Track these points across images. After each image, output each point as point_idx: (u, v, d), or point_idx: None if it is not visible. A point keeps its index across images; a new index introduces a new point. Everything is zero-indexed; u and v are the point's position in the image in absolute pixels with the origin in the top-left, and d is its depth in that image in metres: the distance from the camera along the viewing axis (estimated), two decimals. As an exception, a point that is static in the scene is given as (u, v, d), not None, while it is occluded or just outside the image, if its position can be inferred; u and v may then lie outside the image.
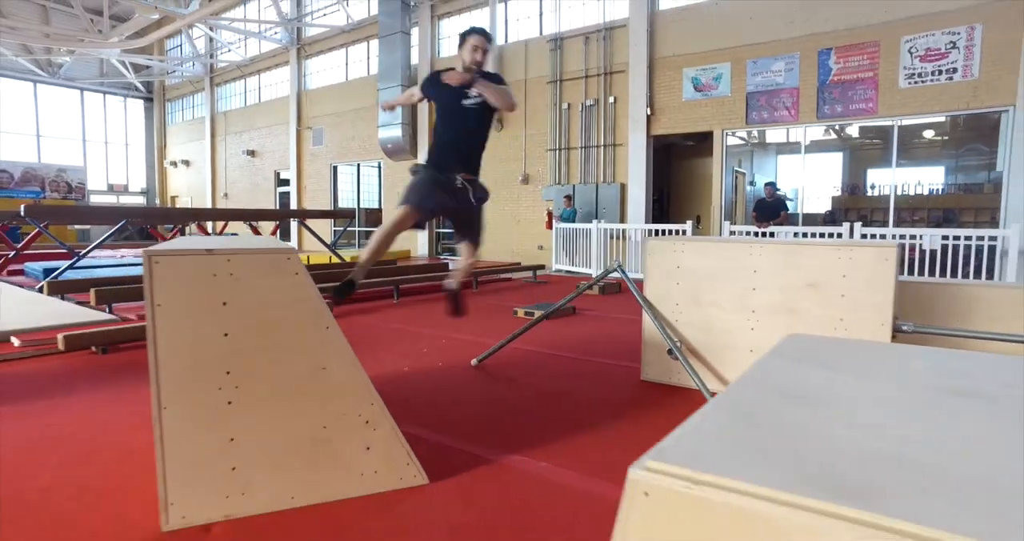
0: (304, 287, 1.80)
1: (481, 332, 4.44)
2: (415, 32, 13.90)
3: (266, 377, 1.74)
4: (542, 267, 8.79)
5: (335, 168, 16.52)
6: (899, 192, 12.71)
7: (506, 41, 12.55)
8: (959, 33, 7.54)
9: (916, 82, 7.97)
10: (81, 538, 1.60)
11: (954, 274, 6.54)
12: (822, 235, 7.40)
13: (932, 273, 6.75)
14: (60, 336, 3.49)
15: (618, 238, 9.17)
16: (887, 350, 1.56)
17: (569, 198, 10.77)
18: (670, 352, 3.04)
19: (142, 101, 23.23)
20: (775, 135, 11.16)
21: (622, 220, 10.53)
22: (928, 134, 12.28)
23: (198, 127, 21.16)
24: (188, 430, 1.65)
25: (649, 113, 10.43)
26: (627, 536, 0.82)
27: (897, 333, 2.78)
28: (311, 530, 1.65)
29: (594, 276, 7.31)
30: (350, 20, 15.05)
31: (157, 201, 23.36)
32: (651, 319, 3.12)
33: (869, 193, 13.06)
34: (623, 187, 10.72)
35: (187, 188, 22.06)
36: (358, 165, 16.12)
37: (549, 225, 10.71)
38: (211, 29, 18.11)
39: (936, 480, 0.73)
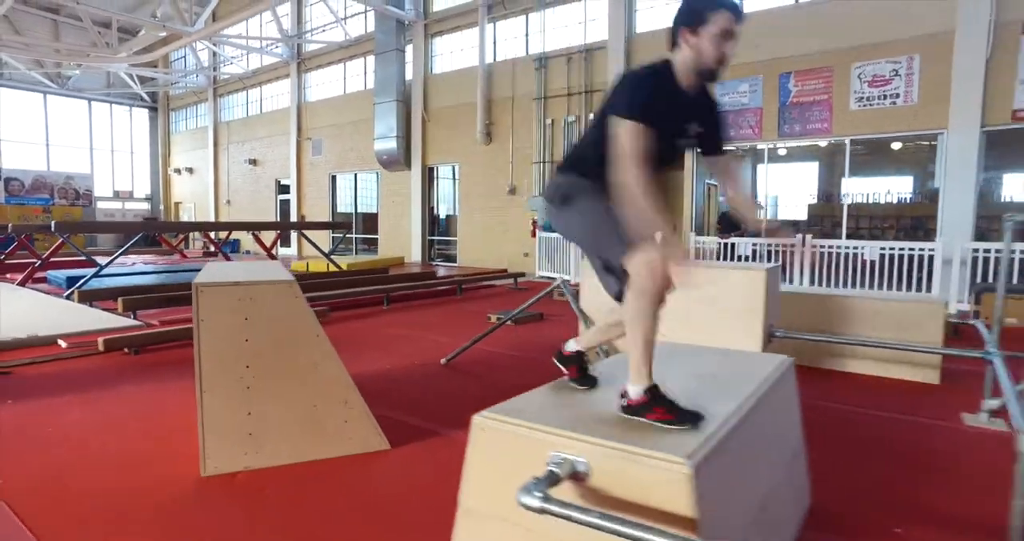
0: (301, 306, 2.52)
1: (459, 335, 5.12)
2: (409, 49, 14.63)
3: (275, 370, 2.45)
4: (523, 274, 9.51)
5: (334, 177, 17.25)
6: (873, 201, 13.50)
7: (495, 59, 13.27)
8: (900, 62, 8.26)
9: (865, 105, 8.68)
10: (149, 479, 2.32)
11: (890, 283, 7.26)
12: (777, 245, 8.11)
13: (872, 282, 7.48)
14: (101, 339, 4.20)
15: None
16: (695, 350, 2.28)
17: (551, 209, 11.49)
18: (601, 353, 3.75)
19: (147, 110, 23.99)
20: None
21: (601, 230, 11.23)
22: (896, 145, 13.00)
23: (201, 136, 21.91)
24: (220, 406, 2.37)
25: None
26: (474, 452, 1.57)
27: (772, 337, 3.50)
28: (303, 478, 2.37)
29: (573, 282, 8.03)
30: (348, 37, 15.78)
31: (161, 207, 24.10)
32: (585, 325, 3.84)
33: (844, 201, 13.78)
34: (601, 199, 11.43)
35: (191, 195, 22.81)
36: (356, 174, 16.84)
37: (534, 234, 11.42)
38: (215, 44, 18.84)
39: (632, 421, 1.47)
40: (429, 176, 14.88)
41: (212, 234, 12.78)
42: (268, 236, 12.58)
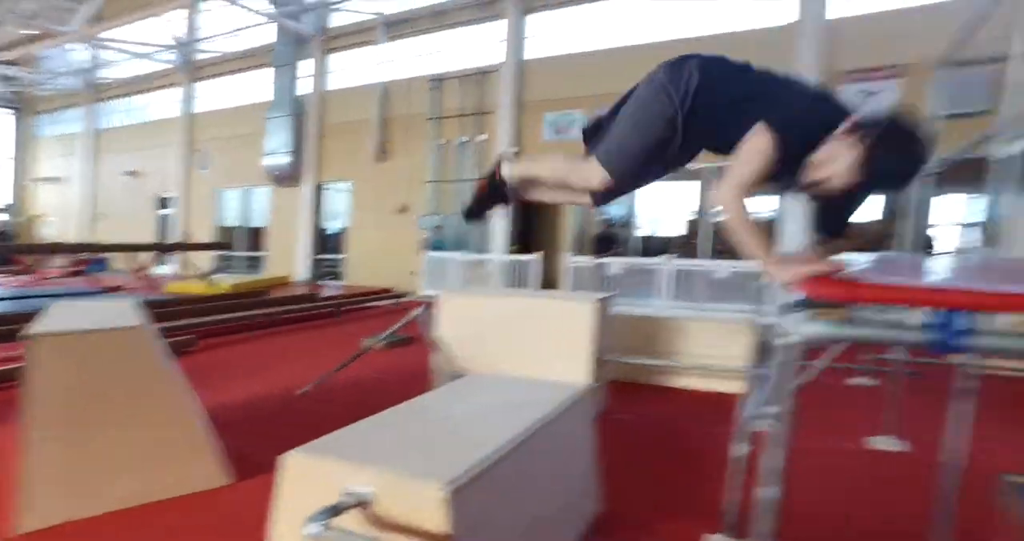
0: (147, 349, 2.58)
1: (330, 360, 5.11)
2: (305, 64, 14.43)
3: (114, 415, 2.49)
4: (404, 295, 9.67)
5: (221, 192, 16.56)
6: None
7: (391, 78, 13.41)
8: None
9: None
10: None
11: (744, 299, 8.16)
12: (646, 265, 8.83)
13: (727, 298, 8.36)
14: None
15: (480, 266, 10.25)
16: (503, 381, 2.59)
17: (439, 228, 11.77)
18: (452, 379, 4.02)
19: (13, 111, 21.85)
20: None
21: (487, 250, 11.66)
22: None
23: (72, 143, 20.25)
24: (48, 455, 2.37)
25: (515, 151, 11.64)
26: (283, 484, 1.75)
27: (604, 362, 3.92)
28: (135, 523, 2.41)
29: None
30: (243, 48, 15.31)
31: (20, 219, 21.97)
32: (438, 352, 4.10)
33: (706, 219, 15.06)
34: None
35: (55, 207, 20.95)
36: (245, 190, 16.27)
37: (422, 253, 11.62)
38: (93, 47, 17.58)
39: (425, 448, 1.72)
40: (320, 193, 14.69)
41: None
42: (145, 257, 11.90)
